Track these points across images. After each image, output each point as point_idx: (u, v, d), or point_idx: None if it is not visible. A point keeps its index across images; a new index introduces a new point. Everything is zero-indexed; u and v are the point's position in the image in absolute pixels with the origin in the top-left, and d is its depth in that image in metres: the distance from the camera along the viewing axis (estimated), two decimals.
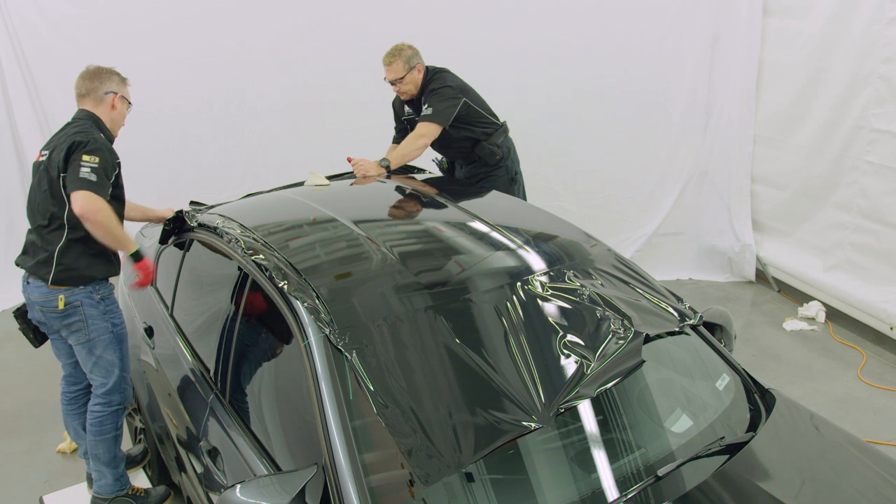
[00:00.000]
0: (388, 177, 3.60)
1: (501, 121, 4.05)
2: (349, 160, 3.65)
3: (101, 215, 2.70)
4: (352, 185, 3.45)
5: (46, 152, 2.83)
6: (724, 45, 5.45)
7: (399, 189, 3.33)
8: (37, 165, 2.87)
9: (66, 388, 3.10)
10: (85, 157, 2.71)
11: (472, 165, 4.05)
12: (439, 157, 4.20)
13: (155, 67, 5.19)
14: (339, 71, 5.42)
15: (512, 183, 4.08)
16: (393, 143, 4.15)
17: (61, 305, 2.78)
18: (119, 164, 2.88)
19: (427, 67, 3.91)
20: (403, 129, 4.12)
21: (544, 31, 5.45)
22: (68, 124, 2.90)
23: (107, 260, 2.89)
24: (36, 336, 3.02)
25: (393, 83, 3.88)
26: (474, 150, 3.97)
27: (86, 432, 3.00)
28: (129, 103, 3.06)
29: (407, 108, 4.04)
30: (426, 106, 3.80)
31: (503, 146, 4.01)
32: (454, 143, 3.97)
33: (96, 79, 2.93)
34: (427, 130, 3.76)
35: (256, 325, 2.51)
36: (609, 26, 5.46)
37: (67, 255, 2.77)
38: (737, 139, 5.49)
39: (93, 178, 2.71)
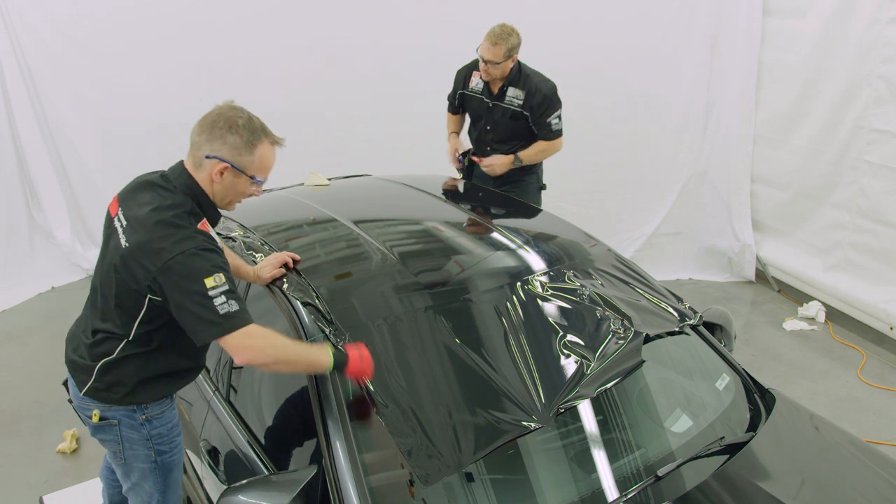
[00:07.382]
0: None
1: None
2: (479, 161, 3.71)
3: (270, 352, 1.89)
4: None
5: (121, 222, 1.98)
6: (724, 45, 5.44)
7: (399, 189, 3.33)
8: (109, 221, 2.05)
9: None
10: (208, 283, 1.83)
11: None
12: (460, 152, 4.16)
13: (156, 68, 5.19)
14: (340, 73, 5.41)
15: (538, 191, 4.17)
16: (448, 111, 4.15)
17: (95, 419, 2.15)
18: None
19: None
20: (461, 100, 4.08)
21: (543, 31, 5.44)
22: (151, 181, 2.07)
23: (169, 381, 2.17)
24: None
25: (486, 62, 3.74)
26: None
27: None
28: (251, 178, 2.02)
29: (473, 84, 3.96)
30: (556, 121, 3.86)
31: None
32: (511, 142, 3.95)
33: (206, 130, 2.00)
34: (554, 147, 3.94)
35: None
36: (608, 26, 5.46)
37: (111, 374, 2.09)
38: (737, 139, 5.49)
39: (233, 307, 1.86)
